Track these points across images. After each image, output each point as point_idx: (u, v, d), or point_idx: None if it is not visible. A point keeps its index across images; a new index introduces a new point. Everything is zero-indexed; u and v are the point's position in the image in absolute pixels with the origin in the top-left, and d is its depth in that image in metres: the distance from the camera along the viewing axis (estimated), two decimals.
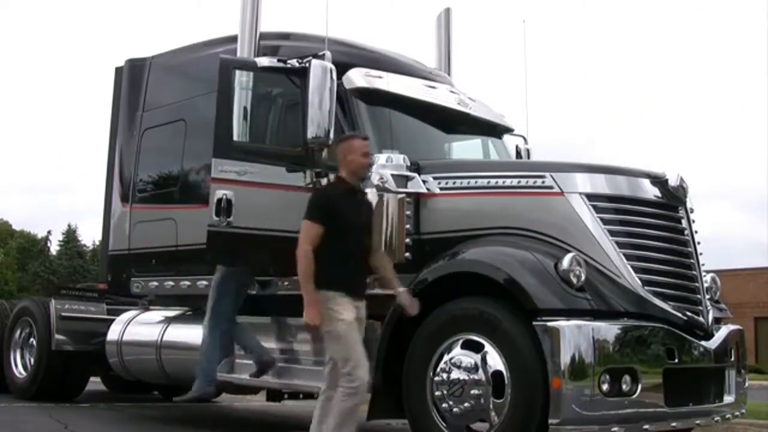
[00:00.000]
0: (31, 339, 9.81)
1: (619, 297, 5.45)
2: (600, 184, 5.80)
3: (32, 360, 9.70)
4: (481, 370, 5.32)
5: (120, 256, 9.01)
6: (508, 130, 8.00)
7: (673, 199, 5.90)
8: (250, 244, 6.55)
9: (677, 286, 5.70)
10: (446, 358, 5.50)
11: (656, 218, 5.80)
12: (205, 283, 7.73)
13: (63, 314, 9.34)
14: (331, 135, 6.17)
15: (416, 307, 5.47)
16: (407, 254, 6.03)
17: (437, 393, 5.50)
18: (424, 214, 6.16)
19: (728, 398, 6.01)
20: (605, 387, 5.08)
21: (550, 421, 4.98)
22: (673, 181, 5.87)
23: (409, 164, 6.22)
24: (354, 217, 5.33)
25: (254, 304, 7.29)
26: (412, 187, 6.12)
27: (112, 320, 8.79)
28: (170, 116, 8.46)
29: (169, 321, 8.02)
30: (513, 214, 5.89)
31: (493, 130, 7.74)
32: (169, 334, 7.82)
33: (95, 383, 10.34)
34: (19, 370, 9.94)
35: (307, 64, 6.32)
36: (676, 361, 5.44)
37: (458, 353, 5.45)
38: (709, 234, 7.54)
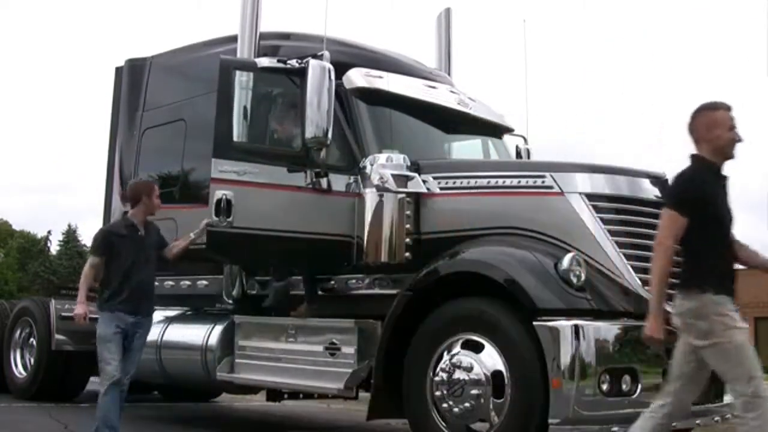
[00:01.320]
0: (31, 339, 9.80)
1: (619, 297, 5.45)
2: (600, 184, 5.79)
3: (32, 360, 9.70)
4: (481, 370, 5.32)
5: None
6: (508, 130, 8.01)
7: None
8: (250, 245, 6.55)
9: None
10: (446, 358, 5.50)
11: (656, 218, 5.76)
12: (205, 282, 7.73)
13: (63, 314, 9.31)
14: (329, 135, 6.17)
15: None
16: (407, 254, 6.04)
17: (437, 393, 5.50)
18: (424, 214, 6.17)
19: (728, 398, 5.99)
20: (605, 387, 5.08)
21: (550, 421, 4.97)
22: None
23: (409, 164, 6.23)
24: (724, 206, 4.45)
25: (254, 304, 7.30)
26: (412, 187, 6.12)
27: None
28: (170, 116, 8.45)
29: (169, 321, 8.00)
30: (513, 213, 5.89)
31: (493, 130, 7.74)
32: (169, 334, 7.81)
33: (95, 383, 10.31)
34: (19, 370, 9.94)
35: (306, 65, 6.32)
36: None
37: (458, 353, 5.46)
38: None
